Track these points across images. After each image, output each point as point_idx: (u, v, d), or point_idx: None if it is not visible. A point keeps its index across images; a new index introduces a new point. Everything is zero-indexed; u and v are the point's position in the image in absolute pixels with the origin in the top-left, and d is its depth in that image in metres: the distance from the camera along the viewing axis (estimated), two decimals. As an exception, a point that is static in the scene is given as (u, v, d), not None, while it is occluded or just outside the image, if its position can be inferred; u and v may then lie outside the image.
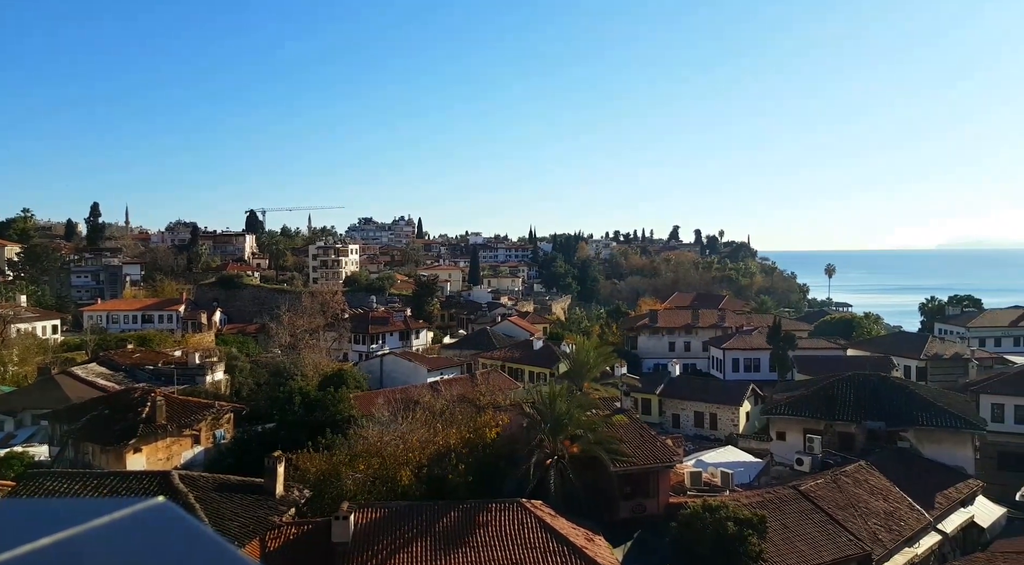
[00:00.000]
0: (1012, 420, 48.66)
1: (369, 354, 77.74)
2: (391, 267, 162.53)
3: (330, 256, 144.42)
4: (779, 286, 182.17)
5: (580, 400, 33.90)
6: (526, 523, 25.54)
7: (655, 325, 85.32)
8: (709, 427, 61.73)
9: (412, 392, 44.33)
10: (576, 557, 23.98)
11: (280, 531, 24.95)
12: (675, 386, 65.98)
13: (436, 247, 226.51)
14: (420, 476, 29.46)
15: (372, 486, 29.40)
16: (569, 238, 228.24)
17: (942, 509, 34.06)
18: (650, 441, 33.26)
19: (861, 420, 39.80)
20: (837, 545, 28.64)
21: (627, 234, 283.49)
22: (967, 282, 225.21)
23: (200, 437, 40.22)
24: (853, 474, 34.12)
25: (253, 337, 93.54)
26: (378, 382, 62.68)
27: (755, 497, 30.80)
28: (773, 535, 27.51)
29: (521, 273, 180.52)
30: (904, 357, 68.78)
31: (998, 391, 50.22)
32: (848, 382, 43.20)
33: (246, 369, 65.02)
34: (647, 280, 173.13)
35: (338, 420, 38.06)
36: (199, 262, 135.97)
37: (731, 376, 71.40)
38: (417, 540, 24.58)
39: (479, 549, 24.25)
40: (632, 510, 30.92)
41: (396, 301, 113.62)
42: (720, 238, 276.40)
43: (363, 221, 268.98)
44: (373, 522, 25.36)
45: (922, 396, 41.45)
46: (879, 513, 31.70)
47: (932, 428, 38.74)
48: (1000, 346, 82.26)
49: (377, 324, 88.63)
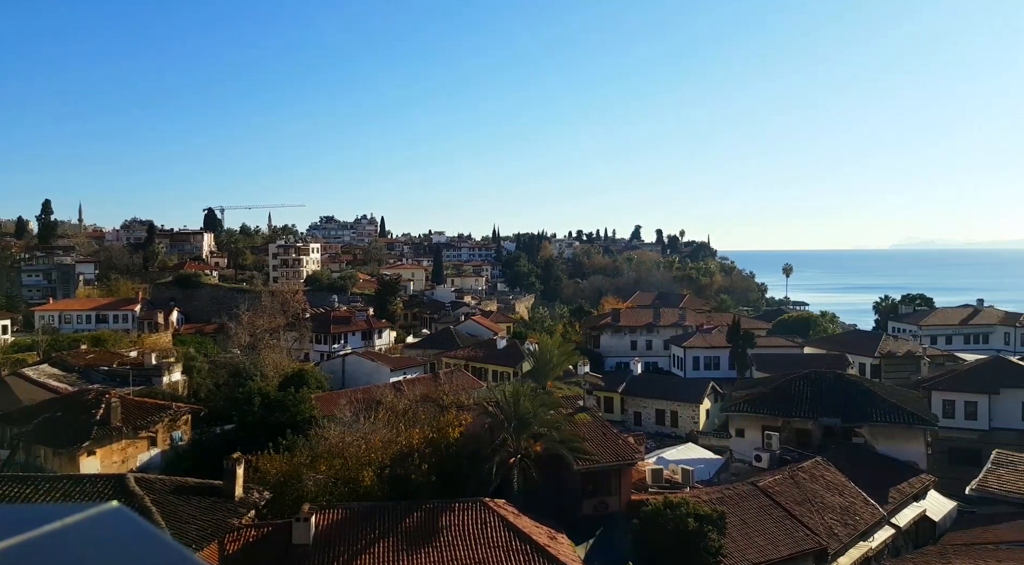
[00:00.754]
0: (962, 416, 50.30)
1: (331, 354, 76.95)
2: (353, 266, 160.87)
3: (291, 255, 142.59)
4: (738, 285, 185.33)
5: (543, 399, 34.00)
6: (489, 522, 25.55)
7: (617, 324, 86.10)
8: (670, 425, 62.53)
9: (375, 392, 43.99)
10: (539, 555, 24.07)
11: (239, 534, 24.52)
12: (637, 384, 66.66)
13: (399, 246, 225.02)
14: (383, 476, 29.25)
15: (334, 487, 29.10)
16: (532, 237, 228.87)
17: (895, 503, 35.02)
18: (612, 439, 33.53)
19: (817, 417, 40.71)
20: (794, 540, 29.24)
21: (590, 234, 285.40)
22: (919, 281, 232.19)
23: (157, 439, 39.34)
24: (810, 470, 34.88)
25: (212, 337, 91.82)
26: (340, 382, 62.05)
27: (715, 493, 31.27)
28: (732, 530, 27.97)
29: (485, 272, 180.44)
30: (859, 355, 70.58)
31: (949, 388, 51.88)
32: (805, 380, 44.14)
33: (204, 370, 63.79)
34: (609, 279, 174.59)
35: (299, 421, 37.60)
36: (155, 261, 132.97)
37: (692, 374, 72.43)
38: (380, 541, 24.40)
39: (442, 549, 24.18)
40: (594, 508, 31.14)
41: (358, 300, 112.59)
42: (681, 238, 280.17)
43: (324, 219, 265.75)
44: (335, 523, 25.10)
45: (876, 393, 42.56)
46: (835, 508, 32.46)
47: (886, 424, 39.80)
48: (951, 344, 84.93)
49: (339, 324, 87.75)
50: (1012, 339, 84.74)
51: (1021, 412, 49.31)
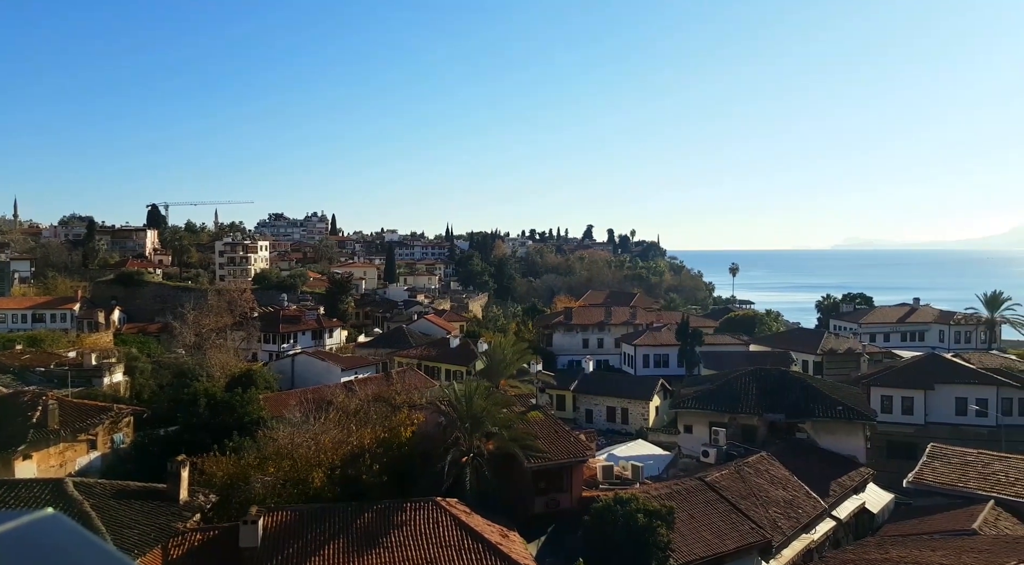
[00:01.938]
0: (899, 411, 52.26)
1: (280, 354, 75.70)
2: (303, 264, 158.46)
3: (238, 253, 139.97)
4: (687, 284, 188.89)
5: (496, 397, 34.07)
6: (441, 521, 25.48)
7: (570, 322, 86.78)
8: (621, 421, 63.35)
9: (325, 392, 43.42)
10: (490, 553, 24.12)
11: (184, 538, 23.91)
12: (588, 382, 67.33)
13: (351, 244, 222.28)
14: (333, 477, 28.89)
15: (283, 489, 28.62)
16: (486, 236, 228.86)
17: (836, 496, 36.16)
18: (564, 437, 33.79)
19: (763, 413, 41.77)
20: (740, 533, 29.95)
21: (543, 232, 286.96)
22: (859, 281, 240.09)
23: (97, 442, 38.09)
24: (755, 465, 35.76)
25: (155, 337, 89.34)
26: (289, 382, 61.13)
27: (664, 489, 31.79)
28: (680, 525, 28.48)
29: (438, 271, 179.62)
30: (802, 352, 72.71)
31: (887, 384, 53.83)
32: (750, 376, 45.24)
33: (147, 370, 62.00)
34: (562, 278, 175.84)
35: (247, 422, 36.96)
36: (96, 258, 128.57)
37: (642, 372, 73.48)
38: (330, 542, 24.10)
39: (393, 549, 24.02)
40: (546, 505, 31.34)
41: (308, 299, 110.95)
42: (632, 238, 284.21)
43: (274, 217, 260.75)
44: (283, 525, 24.69)
45: (818, 389, 43.89)
46: (779, 501, 33.37)
47: (827, 420, 41.08)
48: (889, 341, 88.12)
49: (288, 323, 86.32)
50: (946, 337, 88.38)
51: (954, 407, 51.49)
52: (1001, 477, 33.57)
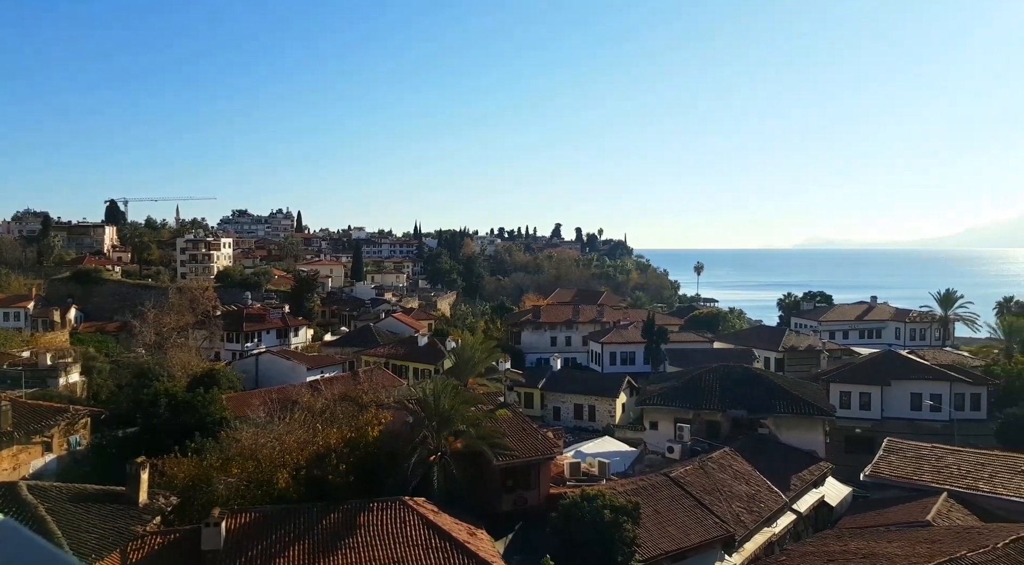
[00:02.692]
0: (857, 406, 53.57)
1: (243, 353, 74.54)
2: (268, 262, 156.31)
3: (200, 250, 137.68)
4: (653, 282, 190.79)
5: (464, 396, 34.04)
6: (408, 521, 25.40)
7: (538, 321, 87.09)
8: (588, 419, 63.78)
9: (290, 392, 42.89)
10: (457, 552, 24.12)
11: (144, 541, 23.44)
12: (556, 380, 67.63)
13: (317, 242, 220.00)
14: (298, 478, 28.58)
15: (246, 490, 28.23)
16: (455, 234, 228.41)
17: (797, 490, 36.93)
18: (532, 434, 33.92)
19: (726, 409, 42.46)
20: (704, 528, 30.40)
21: (511, 231, 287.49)
22: (820, 279, 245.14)
23: (52, 444, 37.06)
24: (719, 460, 36.33)
25: (114, 336, 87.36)
26: (254, 382, 60.26)
27: (630, 485, 32.11)
28: (646, 521, 28.81)
29: (406, 269, 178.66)
30: (764, 349, 74.03)
31: (845, 380, 55.13)
32: (714, 373, 45.96)
33: (105, 370, 60.59)
34: (531, 276, 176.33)
35: (209, 422, 36.39)
36: (51, 255, 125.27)
37: (609, 369, 74.06)
38: (295, 544, 23.85)
39: (359, 549, 23.86)
40: (514, 502, 31.43)
41: (273, 297, 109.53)
42: (599, 236, 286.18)
43: (237, 213, 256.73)
44: (247, 527, 24.37)
45: (780, 386, 44.76)
46: (742, 496, 33.96)
47: (788, 415, 41.93)
48: (847, 338, 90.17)
49: (252, 321, 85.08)
50: (902, 334, 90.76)
51: (909, 402, 52.96)
52: (954, 470, 34.64)
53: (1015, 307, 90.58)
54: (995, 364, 61.54)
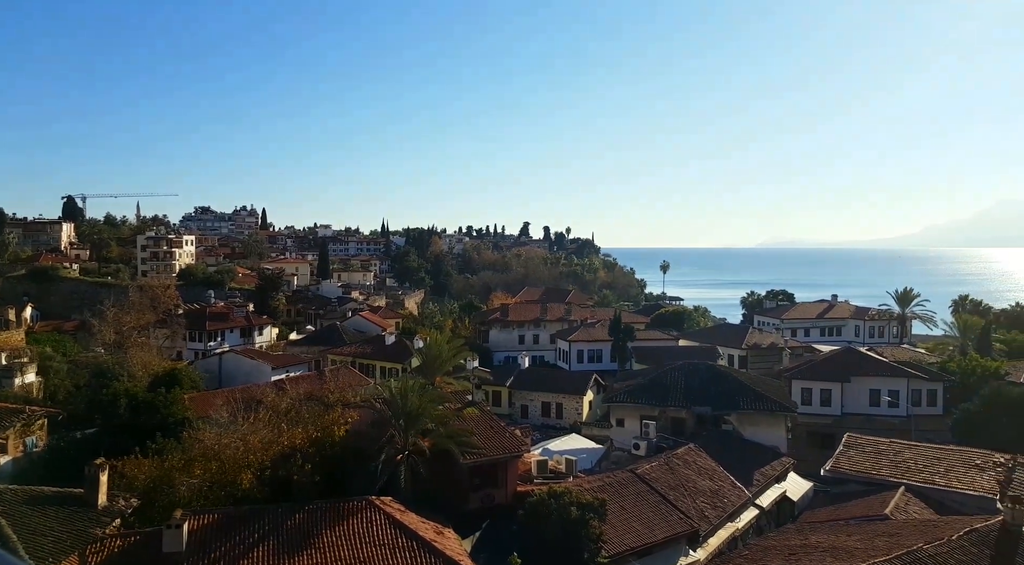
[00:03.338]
0: (818, 403, 54.72)
1: (206, 352, 73.41)
2: (232, 260, 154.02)
3: (162, 247, 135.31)
4: (620, 281, 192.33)
5: (432, 394, 33.94)
6: (375, 520, 25.26)
7: (506, 319, 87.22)
8: (555, 416, 64.08)
9: (255, 391, 42.33)
10: (424, 551, 24.06)
11: (103, 544, 22.93)
12: (524, 378, 67.82)
13: (282, 239, 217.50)
14: (263, 478, 28.21)
15: (209, 491, 27.79)
16: (422, 232, 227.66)
17: (759, 485, 37.58)
18: (500, 432, 33.96)
19: (691, 406, 43.01)
20: (669, 523, 30.78)
21: (479, 229, 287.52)
22: (782, 278, 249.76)
23: (7, 446, 35.99)
24: (683, 456, 36.80)
25: (72, 335, 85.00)
26: (217, 382, 59.44)
27: (596, 482, 32.36)
28: (612, 517, 29.06)
29: (373, 267, 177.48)
30: (728, 347, 75.14)
31: (807, 377, 56.27)
32: (679, 371, 46.52)
33: (63, 370, 58.96)
34: (499, 275, 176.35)
35: (171, 423, 35.81)
36: (6, 252, 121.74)
37: (576, 367, 74.51)
38: (259, 545, 23.56)
39: (325, 550, 23.67)
40: (481, 501, 31.45)
41: (237, 296, 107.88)
42: (567, 235, 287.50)
43: (200, 210, 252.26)
44: (209, 529, 24.00)
45: (743, 383, 45.48)
46: (706, 492, 34.45)
47: (751, 412, 42.64)
48: (808, 336, 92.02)
49: (215, 320, 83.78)
50: (862, 331, 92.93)
51: (868, 398, 54.26)
52: (911, 464, 35.58)
53: (970, 305, 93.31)
54: (951, 361, 63.37)
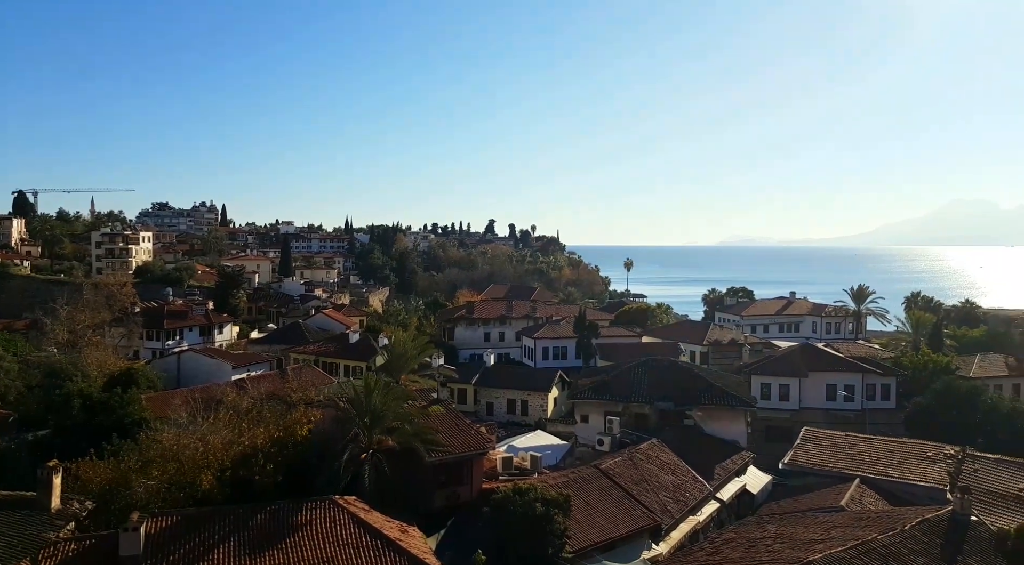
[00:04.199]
0: (777, 397, 55.85)
1: (164, 351, 71.92)
2: (191, 257, 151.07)
3: (117, 244, 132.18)
4: (584, 278, 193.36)
5: (397, 392, 33.77)
6: (338, 520, 25.07)
7: (471, 316, 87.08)
8: (520, 413, 64.23)
9: (214, 391, 41.62)
10: (389, 549, 23.97)
11: (56, 548, 22.35)
12: (489, 375, 67.81)
13: (243, 236, 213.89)
14: (223, 479, 27.75)
15: (168, 493, 27.25)
16: (387, 229, 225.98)
17: (720, 479, 38.24)
18: (465, 430, 33.97)
19: (654, 402, 43.56)
20: (632, 518, 31.15)
21: (445, 227, 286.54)
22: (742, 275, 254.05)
23: (-47, 450, 34.81)
24: (646, 451, 37.27)
25: (23, 334, 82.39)
26: (175, 381, 58.33)
27: (561, 478, 32.60)
28: (576, 513, 29.31)
29: (337, 264, 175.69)
30: (690, 343, 76.20)
31: (766, 372, 57.36)
32: (643, 367, 47.05)
33: (14, 370, 57.08)
34: (464, 272, 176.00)
35: (127, 424, 35.06)
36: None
37: (541, 364, 74.75)
38: (219, 546, 23.20)
39: (288, 550, 23.41)
40: (447, 498, 31.43)
41: (196, 293, 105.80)
42: (532, 233, 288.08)
43: (158, 206, 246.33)
44: (168, 531, 23.56)
45: (704, 378, 46.21)
46: (668, 486, 34.94)
47: (712, 407, 43.35)
48: (768, 332, 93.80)
49: (173, 318, 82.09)
50: (819, 328, 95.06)
51: (825, 393, 55.56)
52: (866, 457, 36.59)
53: (922, 302, 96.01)
54: (903, 356, 65.17)
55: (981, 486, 30.65)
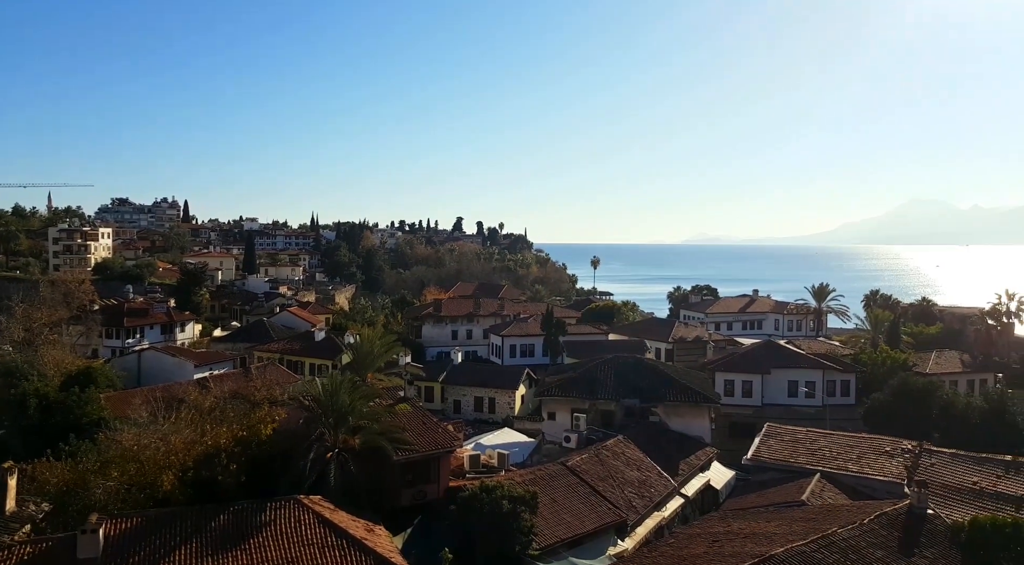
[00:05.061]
0: (740, 394, 56.76)
1: (124, 350, 70.42)
2: (152, 253, 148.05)
3: (76, 240, 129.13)
4: (552, 276, 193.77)
5: (363, 391, 33.57)
6: (303, 520, 24.85)
7: (439, 314, 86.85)
8: (488, 411, 64.22)
9: (176, 390, 40.91)
10: (355, 549, 23.84)
11: (11, 551, 21.77)
12: (457, 373, 67.66)
13: (206, 232, 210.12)
14: (185, 479, 27.30)
15: (128, 494, 26.72)
16: (354, 226, 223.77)
17: (685, 475, 38.74)
18: (432, 428, 33.90)
19: (620, 398, 43.94)
20: (598, 514, 31.42)
21: (412, 224, 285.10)
22: (706, 273, 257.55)
23: (-99, 453, 33.64)
24: (612, 448, 37.59)
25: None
26: (136, 380, 57.18)
27: (528, 475, 32.71)
28: (543, 509, 29.46)
29: (302, 262, 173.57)
30: (656, 340, 77.01)
31: (729, 369, 58.27)
32: (609, 364, 47.43)
33: (-34, 370, 55.48)
34: (432, 270, 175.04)
35: (85, 424, 34.37)
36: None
37: (509, 361, 74.87)
38: (181, 547, 22.83)
39: (252, 551, 23.13)
40: (413, 497, 31.35)
41: (158, 291, 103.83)
42: (500, 230, 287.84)
43: (118, 202, 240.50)
44: (128, 533, 23.11)
45: (669, 375, 46.76)
46: (634, 482, 35.30)
47: (677, 403, 43.89)
48: (731, 329, 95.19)
49: (134, 316, 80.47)
50: (781, 325, 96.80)
51: (787, 389, 56.64)
52: (826, 452, 37.37)
53: (880, 300, 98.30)
54: (863, 353, 66.71)
55: (937, 480, 31.50)
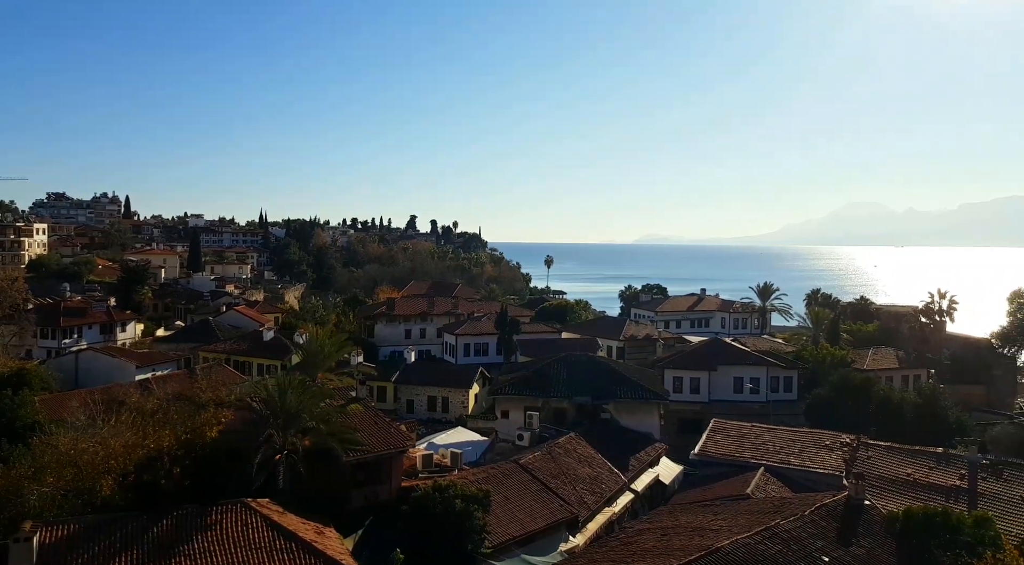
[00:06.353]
0: (688, 390, 57.91)
1: (60, 350, 67.87)
2: (91, 250, 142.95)
3: (8, 236, 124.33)
4: (506, 275, 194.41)
5: (313, 391, 33.00)
6: (250, 523, 24.32)
7: (392, 313, 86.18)
8: (441, 410, 64.07)
9: (116, 392, 39.65)
10: (304, 552, 23.45)
11: (-63, 565, 20.76)
12: (410, 372, 67.29)
13: (148, 229, 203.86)
14: (126, 484, 26.43)
15: (64, 500, 25.71)
16: (304, 224, 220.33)
17: (635, 471, 39.28)
18: (384, 428, 33.57)
19: (572, 396, 44.28)
20: (550, 511, 31.60)
21: (365, 222, 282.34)
22: (656, 273, 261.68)
23: None
24: (564, 445, 37.87)
25: None
26: (73, 382, 55.23)
27: (481, 474, 32.69)
28: (496, 507, 29.48)
29: (251, 260, 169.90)
30: (607, 338, 77.97)
31: (678, 366, 59.41)
32: (562, 362, 47.78)
33: None
34: (385, 269, 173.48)
35: (18, 427, 33.05)
36: None
37: (463, 360, 74.76)
38: (120, 555, 22.08)
39: (196, 556, 22.53)
40: (365, 498, 30.99)
41: (97, 289, 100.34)
42: (455, 229, 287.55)
43: (54, 196, 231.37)
44: (63, 541, 22.24)
45: (621, 373, 47.36)
46: (585, 479, 35.63)
47: (628, 400, 44.47)
48: (680, 327, 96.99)
49: (71, 315, 77.58)
50: (727, 323, 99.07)
51: (732, 386, 58.02)
52: (770, 446, 38.39)
53: (821, 299, 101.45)
54: (804, 350, 68.79)
55: (874, 472, 32.70)
